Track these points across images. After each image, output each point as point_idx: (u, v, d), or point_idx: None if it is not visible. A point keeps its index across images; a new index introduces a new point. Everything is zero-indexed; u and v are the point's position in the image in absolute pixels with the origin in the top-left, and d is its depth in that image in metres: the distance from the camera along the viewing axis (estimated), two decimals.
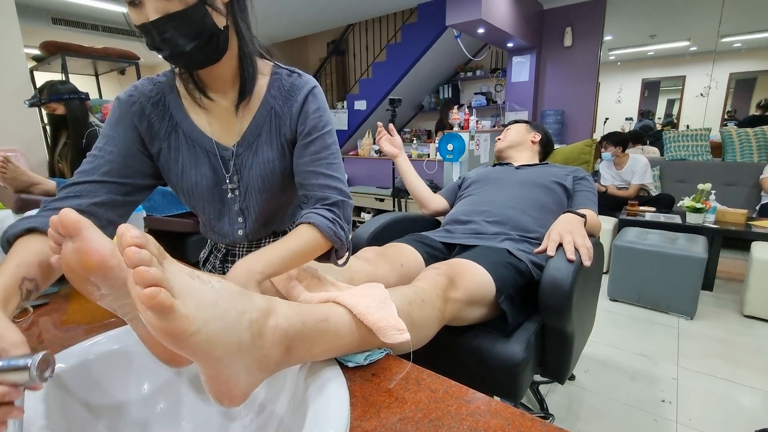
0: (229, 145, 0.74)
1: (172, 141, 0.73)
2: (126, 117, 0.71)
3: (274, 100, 0.74)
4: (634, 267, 2.37)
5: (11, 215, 0.86)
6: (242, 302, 0.41)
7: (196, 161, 0.74)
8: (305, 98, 0.73)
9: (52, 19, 4.55)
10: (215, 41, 0.63)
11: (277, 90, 0.74)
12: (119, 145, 0.70)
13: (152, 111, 0.72)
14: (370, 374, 0.52)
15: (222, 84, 0.71)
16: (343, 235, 0.70)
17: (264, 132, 0.74)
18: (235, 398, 0.41)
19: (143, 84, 0.73)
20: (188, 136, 0.73)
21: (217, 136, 0.74)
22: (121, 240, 0.33)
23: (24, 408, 0.39)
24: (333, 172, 0.74)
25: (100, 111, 2.58)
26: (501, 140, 1.53)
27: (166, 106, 0.73)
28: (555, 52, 4.54)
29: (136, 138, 0.71)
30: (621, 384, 1.69)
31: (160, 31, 0.58)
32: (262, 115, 0.73)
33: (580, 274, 0.92)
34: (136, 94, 0.71)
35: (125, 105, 0.71)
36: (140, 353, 0.57)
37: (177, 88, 0.73)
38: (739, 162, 3.37)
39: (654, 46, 4.62)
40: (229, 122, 0.74)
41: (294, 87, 0.74)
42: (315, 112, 0.73)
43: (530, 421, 0.42)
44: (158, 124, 0.72)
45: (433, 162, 4.00)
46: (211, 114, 0.73)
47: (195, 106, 0.73)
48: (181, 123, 0.73)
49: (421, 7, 4.62)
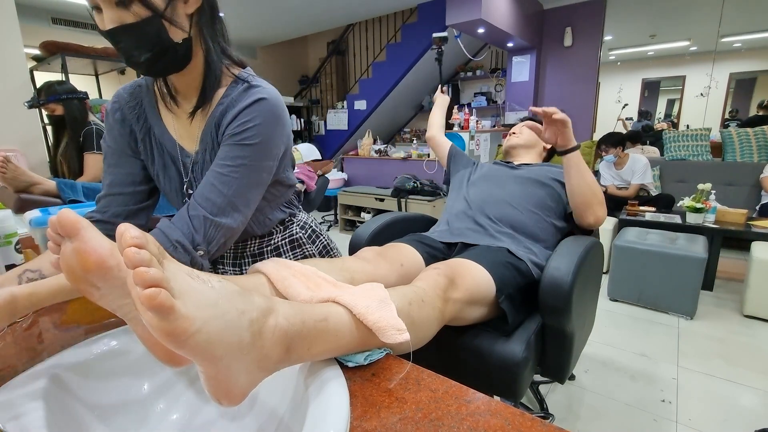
0: (191, 151, 0.76)
1: (147, 143, 0.76)
2: (114, 127, 0.75)
3: (220, 107, 0.72)
4: (634, 267, 2.37)
5: (11, 215, 0.86)
6: (242, 302, 0.41)
7: (164, 165, 0.77)
8: (242, 109, 0.69)
9: (52, 19, 4.54)
10: (171, 53, 0.64)
11: (226, 98, 0.72)
12: (115, 157, 0.75)
13: (130, 114, 0.75)
14: (370, 374, 0.52)
15: (189, 90, 0.72)
16: (187, 257, 0.64)
17: (208, 138, 0.74)
18: (234, 398, 0.41)
19: (125, 89, 0.77)
20: (158, 139, 0.76)
21: (181, 140, 0.76)
22: (121, 240, 0.33)
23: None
24: (218, 183, 0.67)
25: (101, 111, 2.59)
26: (516, 136, 1.46)
27: (142, 108, 0.75)
28: (555, 52, 4.54)
29: (126, 145, 0.75)
30: (621, 384, 1.69)
31: (116, 40, 0.61)
32: (209, 123, 0.73)
33: (580, 274, 0.92)
34: (118, 101, 0.75)
35: (110, 116, 0.75)
36: (140, 353, 0.57)
37: (155, 92, 0.75)
38: (739, 162, 3.37)
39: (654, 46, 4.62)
40: (191, 129, 0.75)
41: (239, 98, 0.71)
42: (242, 124, 0.68)
43: (530, 421, 0.42)
44: (136, 127, 0.76)
45: (433, 162, 4.00)
46: (178, 119, 0.75)
47: (166, 109, 0.75)
48: (153, 126, 0.76)
49: (421, 7, 4.62)
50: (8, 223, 0.84)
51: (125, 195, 0.76)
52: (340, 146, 5.77)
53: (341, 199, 4.43)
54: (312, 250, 0.94)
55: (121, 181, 0.76)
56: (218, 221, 0.67)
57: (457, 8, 3.55)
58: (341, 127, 5.66)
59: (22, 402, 0.45)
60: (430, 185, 3.88)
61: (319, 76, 6.81)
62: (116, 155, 0.76)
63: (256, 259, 0.88)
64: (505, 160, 1.48)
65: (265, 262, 0.70)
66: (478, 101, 5.27)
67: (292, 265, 0.68)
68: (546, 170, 1.30)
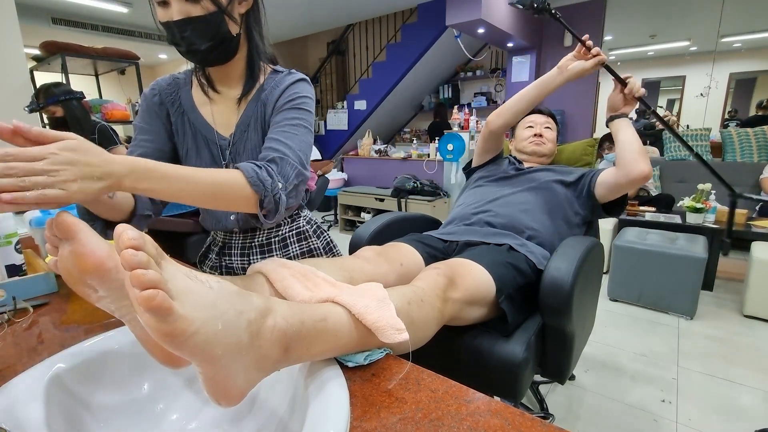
0: (227, 135, 0.81)
1: (179, 127, 0.82)
2: (151, 108, 0.81)
3: (263, 92, 0.80)
4: (634, 267, 2.37)
5: (11, 215, 0.86)
6: (240, 302, 0.41)
7: (197, 148, 0.82)
8: (288, 85, 0.79)
9: (52, 19, 4.55)
10: (227, 45, 0.72)
11: (268, 84, 0.81)
12: (150, 133, 0.80)
13: (167, 99, 0.81)
14: (370, 374, 0.52)
15: (229, 80, 0.80)
16: (267, 180, 0.64)
17: (252, 120, 0.80)
18: (233, 398, 0.40)
19: (164, 79, 0.84)
20: (193, 123, 0.81)
21: (218, 126, 0.81)
22: (119, 241, 0.33)
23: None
24: (281, 137, 0.72)
25: (101, 111, 2.58)
26: (541, 143, 1.40)
27: (179, 96, 0.82)
28: (555, 52, 4.54)
29: (161, 126, 0.81)
30: (621, 384, 1.69)
31: (181, 30, 0.67)
32: (252, 106, 0.80)
33: (580, 274, 0.92)
34: (156, 87, 0.82)
35: (149, 98, 0.81)
36: (140, 353, 0.57)
37: (191, 83, 0.83)
38: (739, 162, 3.37)
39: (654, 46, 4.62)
40: (229, 115, 0.81)
41: (282, 80, 0.80)
42: (292, 94, 0.78)
43: (530, 421, 0.42)
44: (171, 110, 0.82)
45: (433, 162, 4.00)
46: (215, 106, 0.81)
47: (203, 98, 0.81)
48: (189, 112, 0.81)
49: (421, 7, 4.62)
50: (8, 223, 0.84)
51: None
52: (340, 146, 5.77)
53: (341, 199, 4.43)
54: (317, 244, 0.96)
55: (151, 154, 0.79)
56: (292, 161, 0.71)
57: (457, 8, 3.55)
58: (341, 127, 5.66)
59: (22, 402, 0.45)
60: (430, 185, 3.87)
61: (319, 76, 6.81)
62: (151, 131, 0.80)
63: (263, 249, 0.89)
64: (514, 158, 1.47)
65: (264, 261, 0.70)
66: (478, 101, 5.27)
67: (290, 265, 0.68)
68: (551, 173, 1.30)
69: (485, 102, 5.26)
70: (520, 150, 1.45)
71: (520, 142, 1.45)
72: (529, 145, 1.42)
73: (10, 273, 0.83)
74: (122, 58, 2.68)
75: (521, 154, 1.45)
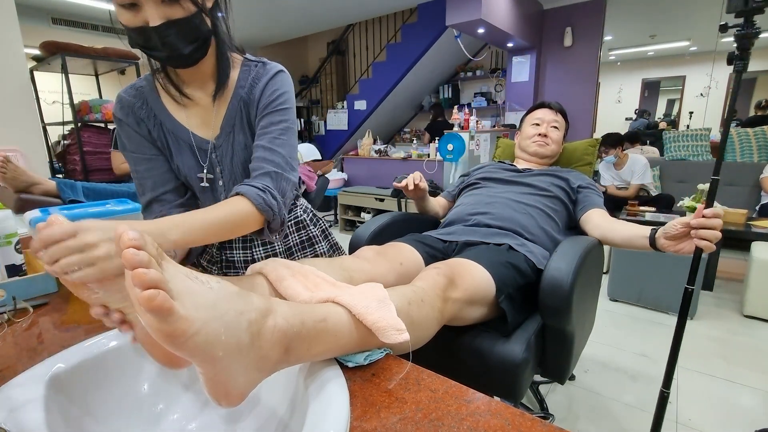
0: (209, 138, 0.79)
1: (161, 137, 0.79)
2: (132, 133, 0.77)
3: (243, 90, 0.78)
4: (634, 267, 2.37)
5: (11, 215, 0.86)
6: (241, 303, 0.41)
7: (180, 153, 0.79)
8: (267, 82, 0.77)
9: (52, 19, 4.54)
10: (207, 43, 0.70)
11: (245, 80, 0.78)
12: (147, 162, 0.78)
13: (140, 114, 0.77)
14: (370, 374, 0.52)
15: (201, 79, 0.76)
16: (274, 204, 0.70)
17: (237, 121, 0.78)
18: (233, 398, 0.40)
19: (127, 92, 0.78)
20: (172, 132, 0.78)
21: (196, 129, 0.79)
22: (119, 241, 0.33)
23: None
24: (274, 146, 0.74)
25: (101, 111, 2.58)
26: (545, 144, 1.37)
27: (149, 107, 0.78)
28: (555, 52, 4.54)
29: (151, 145, 0.78)
30: (621, 384, 1.69)
31: (162, 35, 0.62)
32: (234, 105, 0.78)
33: (580, 274, 0.92)
34: (125, 105, 0.77)
35: (124, 121, 0.77)
36: (140, 353, 0.57)
37: (157, 89, 0.78)
38: (739, 162, 3.37)
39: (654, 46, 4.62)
40: (206, 116, 0.78)
41: (259, 74, 0.78)
42: (273, 92, 0.76)
43: (530, 421, 0.42)
44: (149, 125, 0.78)
45: (433, 162, 4.00)
46: (189, 110, 0.78)
47: (174, 103, 0.78)
48: (164, 121, 0.78)
49: (421, 7, 4.61)
50: (8, 223, 0.84)
51: (173, 191, 0.80)
52: (340, 146, 5.77)
53: (341, 199, 4.43)
54: (315, 231, 0.99)
55: (163, 180, 0.79)
56: (285, 175, 0.74)
57: (457, 8, 3.55)
58: (341, 127, 5.65)
59: (21, 402, 0.45)
60: (430, 185, 3.87)
61: (319, 76, 6.81)
62: (146, 159, 0.78)
63: (264, 240, 0.89)
64: (509, 162, 1.46)
65: (264, 261, 0.70)
66: (478, 101, 5.27)
67: (290, 265, 0.68)
68: (550, 177, 1.29)
69: (485, 102, 5.26)
70: (523, 148, 1.43)
71: (524, 140, 1.43)
72: (532, 144, 1.39)
73: (10, 273, 0.83)
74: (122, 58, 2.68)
75: (523, 153, 1.44)
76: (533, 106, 1.48)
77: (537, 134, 1.39)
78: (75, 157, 2.38)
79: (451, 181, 3.76)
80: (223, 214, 0.64)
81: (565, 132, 1.45)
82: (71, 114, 2.41)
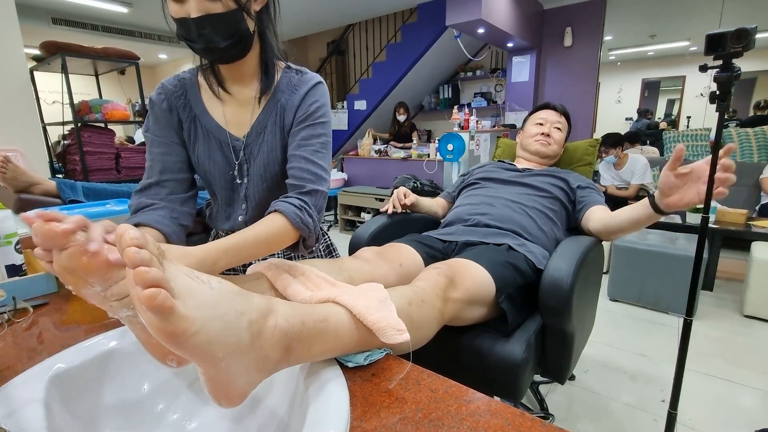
0: (240, 136, 0.81)
1: (191, 130, 0.81)
2: (161, 117, 0.79)
3: (282, 95, 0.81)
4: (634, 267, 2.37)
5: (11, 215, 0.85)
6: (241, 302, 0.41)
7: (209, 150, 0.81)
8: (307, 91, 0.80)
9: (52, 19, 4.55)
10: (244, 42, 0.72)
11: (285, 86, 0.81)
12: (165, 146, 0.79)
13: (176, 103, 0.80)
14: (370, 374, 0.52)
15: (241, 78, 0.79)
16: (310, 222, 0.72)
17: (270, 122, 0.80)
18: (234, 398, 0.40)
19: (169, 81, 0.82)
20: (204, 126, 0.80)
21: (230, 127, 0.81)
22: (121, 240, 0.33)
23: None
24: (315, 158, 0.77)
25: (101, 111, 2.58)
26: (546, 143, 1.36)
27: (187, 98, 0.80)
28: (555, 52, 4.54)
29: (174, 134, 0.80)
30: (621, 384, 1.69)
31: (200, 27, 0.65)
32: (270, 107, 0.80)
33: (580, 274, 0.92)
34: (163, 92, 0.80)
35: (157, 105, 0.79)
36: (140, 353, 0.57)
37: (198, 83, 0.81)
38: (739, 162, 3.37)
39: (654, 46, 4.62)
40: (242, 115, 0.81)
41: (300, 82, 0.81)
42: (313, 103, 0.79)
43: (530, 421, 0.42)
44: (183, 115, 0.80)
45: (433, 162, 4.00)
46: (227, 107, 0.81)
47: (213, 99, 0.80)
48: (199, 114, 0.80)
49: (421, 7, 4.62)
50: (8, 223, 0.84)
51: (176, 181, 0.80)
52: (340, 146, 5.77)
53: (341, 199, 4.43)
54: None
55: (171, 168, 0.79)
56: (323, 191, 0.78)
57: (457, 8, 3.55)
58: (341, 127, 5.65)
59: (22, 402, 0.45)
60: (430, 185, 3.87)
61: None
62: (165, 144, 0.79)
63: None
64: (509, 162, 1.46)
65: (264, 262, 0.70)
66: (478, 101, 5.27)
67: (291, 265, 0.68)
68: (550, 177, 1.29)
69: (485, 102, 5.26)
70: (525, 147, 1.43)
71: (526, 138, 1.43)
72: (534, 143, 1.39)
73: (10, 273, 0.83)
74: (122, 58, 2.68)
75: (524, 152, 1.43)
76: (537, 107, 1.49)
77: (540, 133, 1.39)
78: (75, 157, 2.38)
79: (453, 181, 3.77)
80: (264, 235, 0.67)
81: (567, 135, 1.45)
82: (71, 114, 2.41)
